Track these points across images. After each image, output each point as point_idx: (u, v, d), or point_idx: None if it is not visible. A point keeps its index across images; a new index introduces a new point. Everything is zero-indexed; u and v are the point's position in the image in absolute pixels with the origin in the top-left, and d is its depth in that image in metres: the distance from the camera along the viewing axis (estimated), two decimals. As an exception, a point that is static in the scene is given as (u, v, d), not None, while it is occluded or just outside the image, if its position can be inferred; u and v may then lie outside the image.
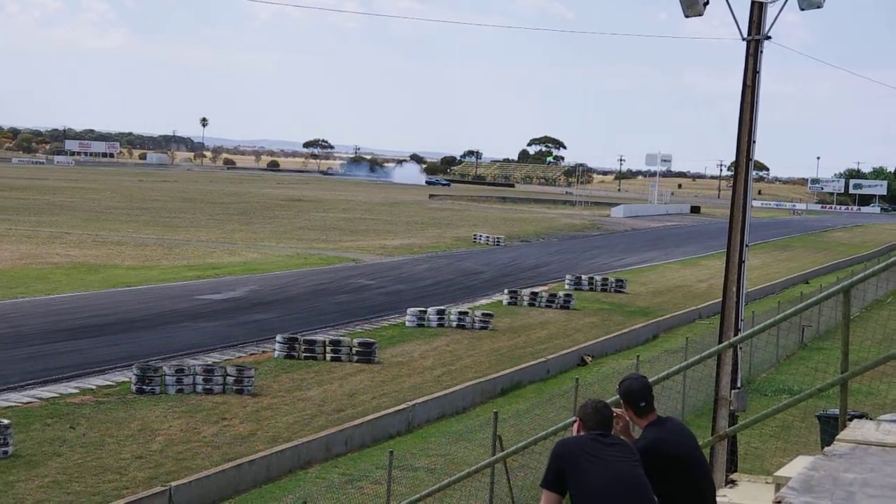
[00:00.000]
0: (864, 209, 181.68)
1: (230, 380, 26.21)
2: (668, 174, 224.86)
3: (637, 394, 6.77)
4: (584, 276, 50.60)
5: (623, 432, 6.75)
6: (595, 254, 69.76)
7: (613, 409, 6.77)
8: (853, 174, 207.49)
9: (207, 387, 25.98)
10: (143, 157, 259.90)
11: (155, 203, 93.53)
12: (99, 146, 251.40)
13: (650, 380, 7.28)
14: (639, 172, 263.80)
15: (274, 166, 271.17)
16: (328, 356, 30.48)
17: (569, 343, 35.13)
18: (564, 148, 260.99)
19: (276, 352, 30.58)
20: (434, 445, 22.36)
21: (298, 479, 20.34)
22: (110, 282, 44.30)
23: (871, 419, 10.17)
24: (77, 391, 25.64)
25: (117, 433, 22.40)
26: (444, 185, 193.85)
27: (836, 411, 10.68)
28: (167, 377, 25.91)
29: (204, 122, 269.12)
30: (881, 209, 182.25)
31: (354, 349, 30.74)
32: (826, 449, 7.55)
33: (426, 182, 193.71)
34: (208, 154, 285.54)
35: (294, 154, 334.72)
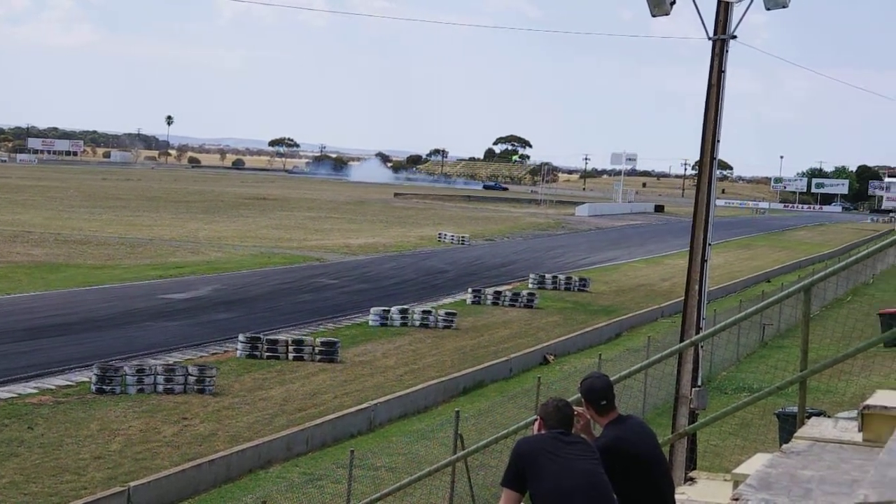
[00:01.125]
0: (826, 208, 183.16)
1: (191, 379, 26.06)
2: (633, 173, 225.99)
3: (598, 392, 6.75)
4: (547, 275, 50.69)
5: (584, 431, 6.72)
6: (559, 252, 69.92)
7: (574, 408, 6.75)
8: (815, 173, 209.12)
9: (168, 386, 25.82)
10: (107, 155, 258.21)
11: (118, 202, 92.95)
12: (62, 144, 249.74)
13: (612, 378, 7.26)
14: (604, 171, 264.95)
15: (239, 165, 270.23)
16: (291, 356, 30.36)
17: (532, 342, 35.16)
18: (530, 147, 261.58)
19: (239, 351, 30.43)
20: (395, 444, 22.31)
21: (259, 478, 20.23)
22: (72, 281, 43.96)
23: (828, 417, 10.21)
24: (36, 391, 25.41)
25: (76, 433, 22.21)
26: (502, 189, 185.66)
27: (795, 409, 10.70)
28: (128, 377, 25.72)
29: (169, 120, 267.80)
30: (843, 208, 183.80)
31: (317, 349, 30.64)
32: (784, 446, 7.55)
33: (484, 187, 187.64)
34: (173, 152, 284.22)
35: (259, 153, 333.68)
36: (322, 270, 52.73)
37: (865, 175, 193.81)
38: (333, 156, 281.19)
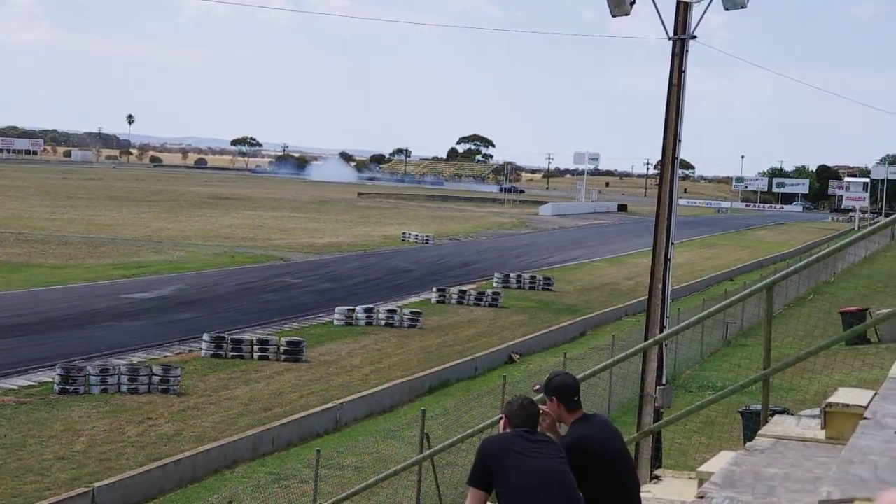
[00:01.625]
0: (787, 207, 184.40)
1: (156, 379, 25.95)
2: (596, 172, 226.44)
3: (572, 388, 6.80)
4: (512, 275, 50.79)
5: (550, 429, 6.77)
6: (523, 252, 70.06)
7: (539, 407, 6.80)
8: (776, 173, 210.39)
9: (132, 386, 25.70)
10: (67, 154, 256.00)
11: (80, 201, 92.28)
12: (22, 143, 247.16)
13: (577, 377, 7.32)
14: (567, 171, 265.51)
15: (201, 164, 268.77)
16: (255, 355, 30.30)
17: (497, 341, 35.24)
18: (493, 146, 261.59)
19: (203, 351, 30.33)
20: (362, 444, 22.31)
21: (224, 478, 20.19)
22: (33, 281, 43.64)
23: (792, 415, 10.34)
24: (-2, 392, 25.23)
25: (39, 434, 22.08)
26: (518, 191, 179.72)
27: (759, 407, 10.83)
28: (91, 377, 25.59)
29: (130, 119, 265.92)
30: (803, 207, 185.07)
31: (282, 348, 30.59)
32: (748, 444, 7.65)
33: (500, 190, 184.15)
34: (134, 151, 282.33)
35: (222, 152, 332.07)
36: (286, 270, 52.60)
37: (825, 175, 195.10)
38: (296, 155, 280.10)
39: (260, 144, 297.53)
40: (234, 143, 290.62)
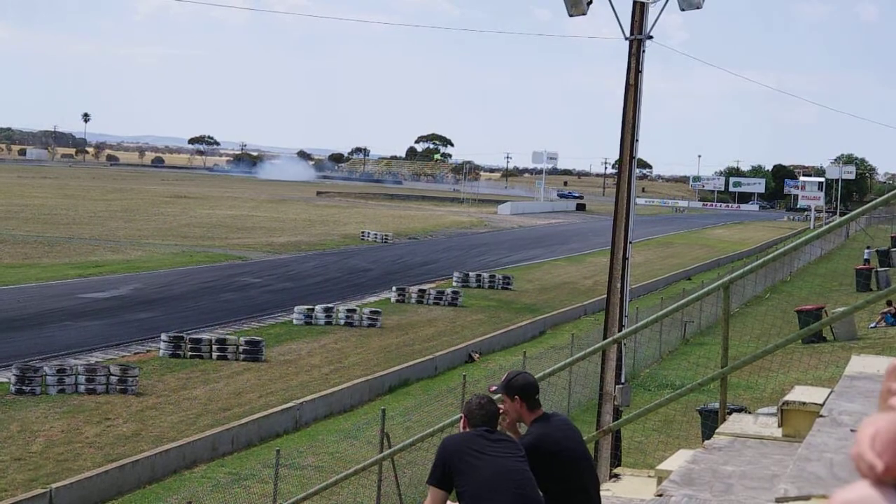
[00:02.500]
0: (744, 206, 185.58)
1: (113, 379, 25.79)
2: (555, 172, 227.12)
3: (534, 387, 6.83)
4: (471, 274, 50.85)
5: (510, 428, 6.80)
6: (482, 251, 70.15)
7: (499, 406, 6.83)
8: (733, 172, 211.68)
9: (90, 387, 25.52)
10: (22, 152, 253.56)
11: (35, 199, 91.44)
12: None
13: (537, 376, 7.36)
14: (525, 170, 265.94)
15: (159, 163, 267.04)
16: (214, 355, 30.18)
17: (456, 340, 35.29)
18: (452, 145, 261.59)
19: (162, 351, 30.18)
20: (322, 443, 22.31)
21: (184, 479, 20.11)
22: (-12, 280, 43.22)
23: (749, 413, 10.45)
24: (-46, 393, 24.99)
25: (-4, 435, 21.89)
26: (576, 197, 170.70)
27: (717, 405, 10.93)
28: (48, 377, 25.39)
29: (86, 117, 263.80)
30: (759, 206, 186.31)
31: (241, 347, 30.49)
32: (706, 442, 7.73)
33: (558, 196, 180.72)
34: (90, 150, 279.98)
35: (179, 150, 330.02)
36: (245, 269, 52.41)
37: (781, 174, 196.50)
38: (254, 154, 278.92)
39: (218, 143, 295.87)
40: (192, 141, 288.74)
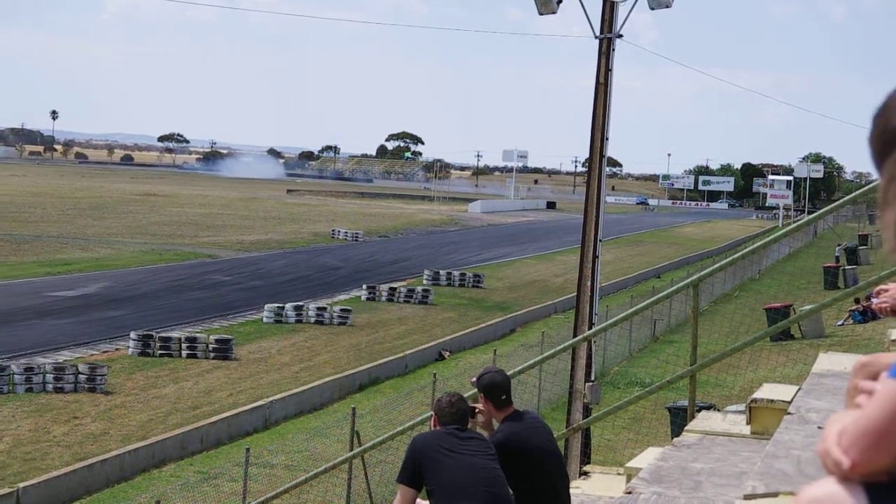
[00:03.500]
0: (713, 205, 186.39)
1: (82, 378, 25.64)
2: (525, 170, 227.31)
3: (499, 387, 6.83)
4: (442, 272, 50.83)
5: (485, 426, 6.81)
6: (453, 249, 70.17)
7: (474, 405, 6.85)
8: (702, 171, 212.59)
9: (58, 385, 25.36)
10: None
11: (2, 198, 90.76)
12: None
13: (507, 374, 7.37)
14: (496, 168, 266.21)
15: (128, 160, 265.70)
16: (184, 353, 30.06)
17: (427, 338, 35.29)
18: (422, 143, 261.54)
19: (131, 349, 30.03)
20: (292, 442, 22.25)
21: (153, 477, 20.04)
22: (-45, 278, 42.89)
23: (718, 410, 10.50)
24: (-80, 392, 24.78)
25: (-37, 434, 21.73)
26: (647, 204, 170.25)
27: (686, 403, 10.98)
28: (16, 376, 25.21)
29: (54, 114, 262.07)
30: (728, 205, 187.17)
31: (211, 346, 30.39)
32: (675, 440, 7.76)
33: (637, 202, 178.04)
34: (59, 148, 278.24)
35: (149, 148, 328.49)
36: (215, 267, 52.23)
37: (750, 172, 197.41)
38: (224, 151, 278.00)
39: (187, 141, 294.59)
40: (161, 139, 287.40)
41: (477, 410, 6.77)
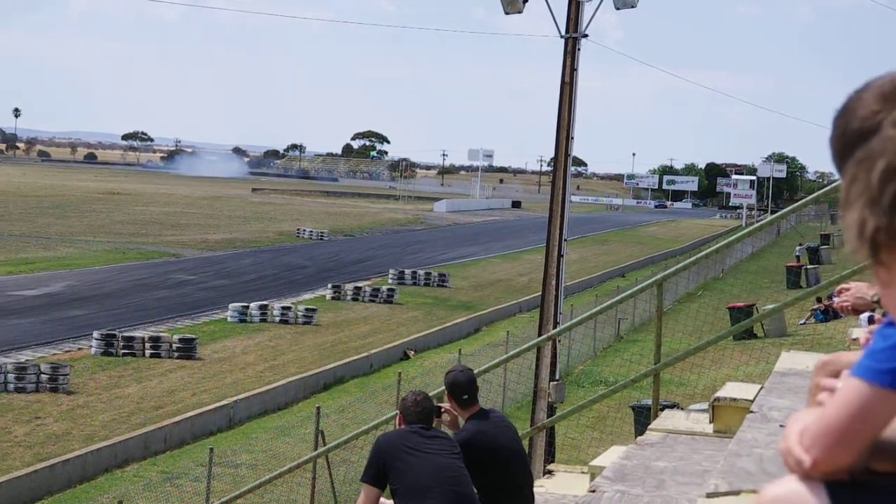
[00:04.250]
0: (677, 204, 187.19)
1: (44, 378, 25.44)
2: (490, 169, 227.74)
3: (462, 386, 6.84)
4: (407, 271, 50.80)
5: (451, 426, 6.82)
6: (418, 248, 70.17)
7: (439, 404, 6.85)
8: (666, 170, 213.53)
9: (20, 385, 25.16)
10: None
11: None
12: None
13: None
14: (461, 167, 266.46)
15: (91, 159, 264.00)
16: (147, 353, 29.90)
17: (392, 337, 35.27)
18: (388, 142, 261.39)
19: (94, 349, 29.84)
20: (256, 441, 22.19)
21: (115, 478, 19.92)
22: (-85, 277, 42.46)
23: (681, 409, 10.54)
24: None
25: (-78, 435, 21.52)
26: (663, 206, 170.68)
27: (649, 402, 11.02)
28: (-24, 376, 25.00)
29: (16, 112, 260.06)
30: (692, 204, 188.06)
31: (174, 345, 30.25)
32: (639, 438, 7.78)
33: (656, 206, 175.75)
34: (21, 145, 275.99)
35: (113, 146, 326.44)
36: (179, 266, 51.98)
37: (714, 172, 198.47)
38: (189, 150, 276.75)
39: (151, 139, 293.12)
40: (125, 137, 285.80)
41: (443, 409, 6.78)
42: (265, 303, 37.90)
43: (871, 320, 6.10)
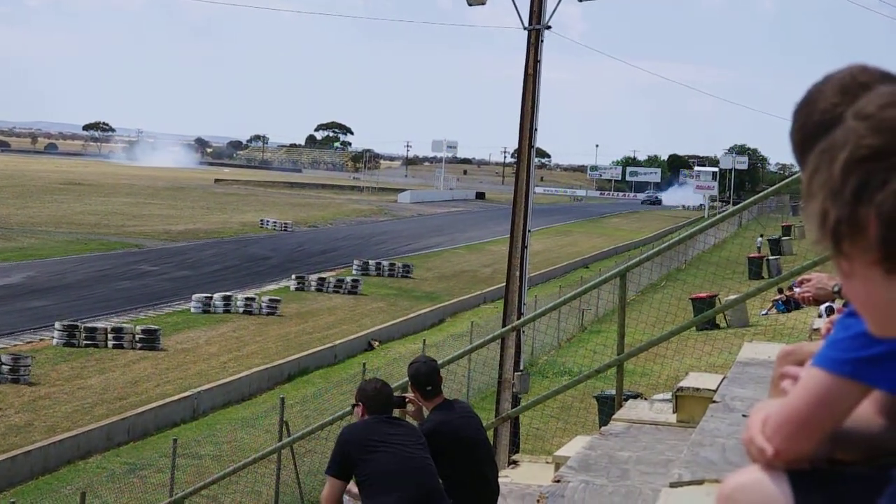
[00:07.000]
0: (640, 195, 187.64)
1: (5, 369, 25.28)
2: (454, 160, 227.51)
3: (424, 377, 6.83)
4: (371, 262, 50.76)
5: (415, 416, 6.83)
6: (382, 239, 70.08)
7: (404, 394, 6.86)
8: (630, 162, 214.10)
9: (-20, 377, 24.98)
10: None
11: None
12: None
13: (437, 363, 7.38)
14: (425, 158, 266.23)
15: (52, 149, 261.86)
16: (110, 343, 29.75)
17: (356, 328, 35.25)
18: (352, 133, 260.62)
19: (55, 339, 29.64)
20: (220, 432, 22.13)
21: (78, 469, 19.84)
22: None
23: (645, 399, 10.60)
24: None
25: None
26: (657, 201, 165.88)
27: (613, 392, 11.08)
28: (-64, 367, 24.80)
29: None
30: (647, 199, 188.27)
31: (137, 336, 30.10)
32: (603, 428, 7.84)
33: (644, 202, 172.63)
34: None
35: (74, 137, 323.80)
36: (142, 257, 51.69)
37: (676, 164, 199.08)
38: (150, 140, 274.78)
39: (113, 130, 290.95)
40: (87, 128, 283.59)
41: (407, 400, 6.79)
42: (229, 294, 37.77)
43: (830, 311, 6.16)
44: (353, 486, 6.20)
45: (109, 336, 30.01)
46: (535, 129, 18.96)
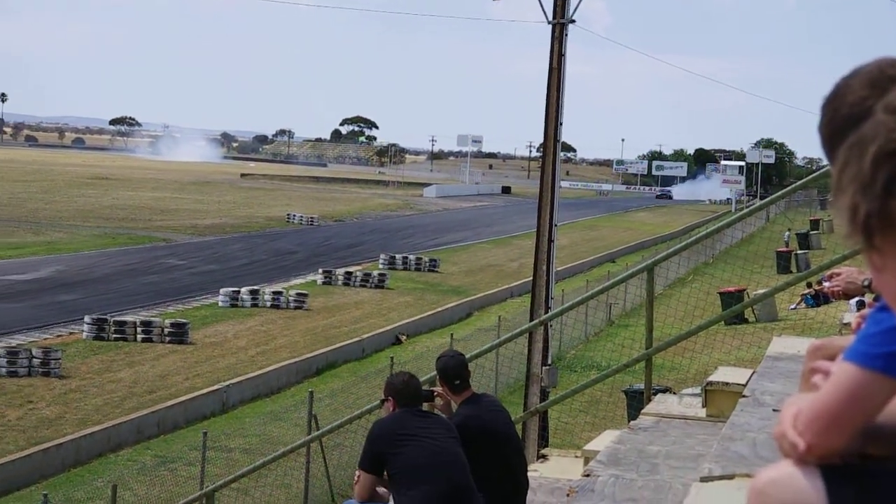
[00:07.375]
0: (655, 190, 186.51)
1: (36, 362, 25.45)
2: (479, 155, 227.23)
3: (452, 371, 6.84)
4: (398, 256, 50.80)
5: (444, 410, 6.84)
6: (408, 233, 70.10)
7: (432, 388, 6.89)
8: (655, 156, 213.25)
9: (11, 369, 25.16)
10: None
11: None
12: None
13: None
14: (450, 153, 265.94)
15: (79, 144, 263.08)
16: (139, 337, 29.92)
17: (384, 322, 35.30)
18: (377, 128, 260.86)
19: (85, 333, 29.83)
20: (249, 426, 22.24)
21: (109, 462, 19.98)
22: None
23: (673, 393, 10.62)
24: None
25: (-84, 420, 21.54)
26: (668, 196, 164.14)
27: (642, 386, 11.11)
28: (-31, 360, 25.00)
29: (3, 97, 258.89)
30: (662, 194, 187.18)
31: (166, 330, 30.26)
32: (632, 423, 7.86)
33: (658, 196, 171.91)
34: (8, 130, 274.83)
35: (101, 131, 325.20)
36: (169, 251, 51.93)
37: (702, 158, 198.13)
38: (177, 135, 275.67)
39: (139, 124, 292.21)
40: (113, 122, 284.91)
41: (435, 394, 6.81)
42: (256, 288, 37.89)
43: (860, 305, 6.16)
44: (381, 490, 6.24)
45: (138, 329, 30.18)
46: (561, 124, 18.97)
